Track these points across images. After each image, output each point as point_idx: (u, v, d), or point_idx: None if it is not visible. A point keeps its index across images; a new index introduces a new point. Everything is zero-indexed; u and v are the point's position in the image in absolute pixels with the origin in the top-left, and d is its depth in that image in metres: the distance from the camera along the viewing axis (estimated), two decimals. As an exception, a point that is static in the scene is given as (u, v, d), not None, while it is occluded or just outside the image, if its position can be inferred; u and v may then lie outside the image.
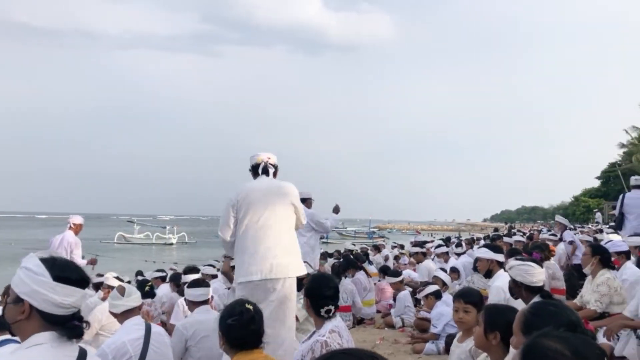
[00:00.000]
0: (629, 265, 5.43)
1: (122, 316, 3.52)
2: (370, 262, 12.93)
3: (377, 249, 15.64)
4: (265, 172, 3.88)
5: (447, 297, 5.71)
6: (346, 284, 7.07)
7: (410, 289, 7.80)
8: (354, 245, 12.26)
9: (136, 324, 3.42)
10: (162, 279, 8.56)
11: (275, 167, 3.98)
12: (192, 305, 4.23)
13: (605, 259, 4.91)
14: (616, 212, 8.45)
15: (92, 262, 8.09)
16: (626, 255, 5.57)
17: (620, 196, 8.34)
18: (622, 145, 44.50)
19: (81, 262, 7.46)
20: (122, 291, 3.57)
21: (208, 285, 4.38)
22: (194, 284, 4.30)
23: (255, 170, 3.91)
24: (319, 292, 3.01)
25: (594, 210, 39.76)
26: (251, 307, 2.73)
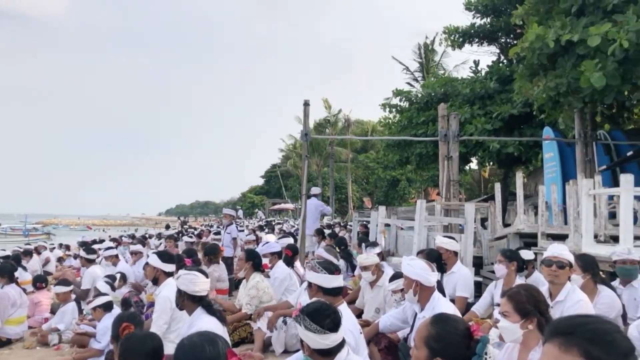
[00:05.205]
0: (280, 264, 6.18)
1: None
2: (25, 269, 11.27)
3: (36, 251, 13.77)
4: None
5: (117, 309, 5.41)
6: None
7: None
8: (4, 250, 10.34)
9: None
10: None
11: None
12: None
13: (256, 263, 5.49)
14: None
15: None
16: (278, 255, 6.32)
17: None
18: (282, 150, 51.41)
19: None
20: None
21: None
22: None
23: None
24: None
25: (256, 210, 44.87)
26: None
